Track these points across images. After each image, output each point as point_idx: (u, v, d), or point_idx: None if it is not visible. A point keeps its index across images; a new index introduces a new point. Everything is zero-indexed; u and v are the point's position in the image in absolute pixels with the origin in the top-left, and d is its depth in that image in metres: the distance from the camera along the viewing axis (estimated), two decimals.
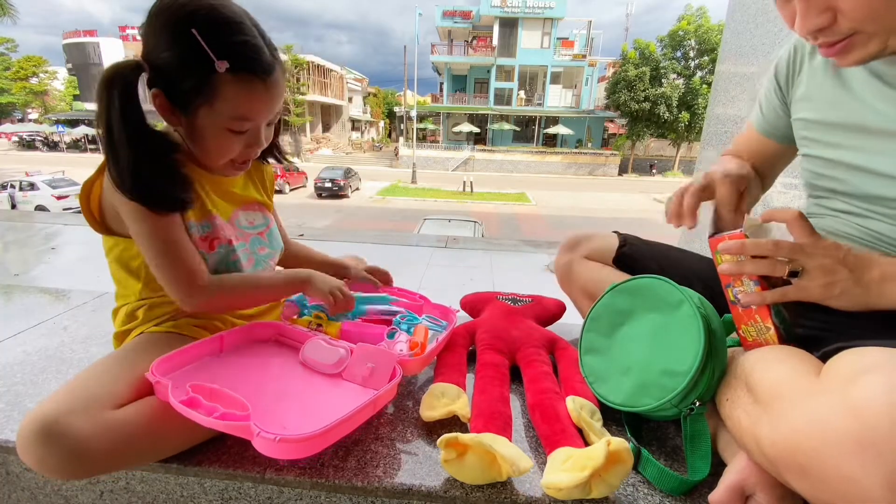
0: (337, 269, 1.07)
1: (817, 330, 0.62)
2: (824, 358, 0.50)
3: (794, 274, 0.58)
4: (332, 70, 30.91)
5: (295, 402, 0.68)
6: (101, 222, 0.73)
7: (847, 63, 0.56)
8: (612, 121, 27.40)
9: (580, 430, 0.68)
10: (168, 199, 0.68)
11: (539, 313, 1.03)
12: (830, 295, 0.55)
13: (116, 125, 0.63)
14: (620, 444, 0.56)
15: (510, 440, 0.65)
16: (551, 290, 1.15)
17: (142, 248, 0.69)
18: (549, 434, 0.67)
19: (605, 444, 0.55)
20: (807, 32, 0.54)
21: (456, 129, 26.67)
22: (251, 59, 0.65)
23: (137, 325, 0.78)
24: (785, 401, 0.48)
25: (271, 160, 0.92)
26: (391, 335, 0.85)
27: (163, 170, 0.67)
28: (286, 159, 0.92)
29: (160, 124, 0.71)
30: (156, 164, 0.66)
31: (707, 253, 0.71)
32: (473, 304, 1.09)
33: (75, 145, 28.28)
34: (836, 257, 0.55)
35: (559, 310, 1.08)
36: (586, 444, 0.65)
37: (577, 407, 0.70)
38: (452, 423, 0.73)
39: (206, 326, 0.81)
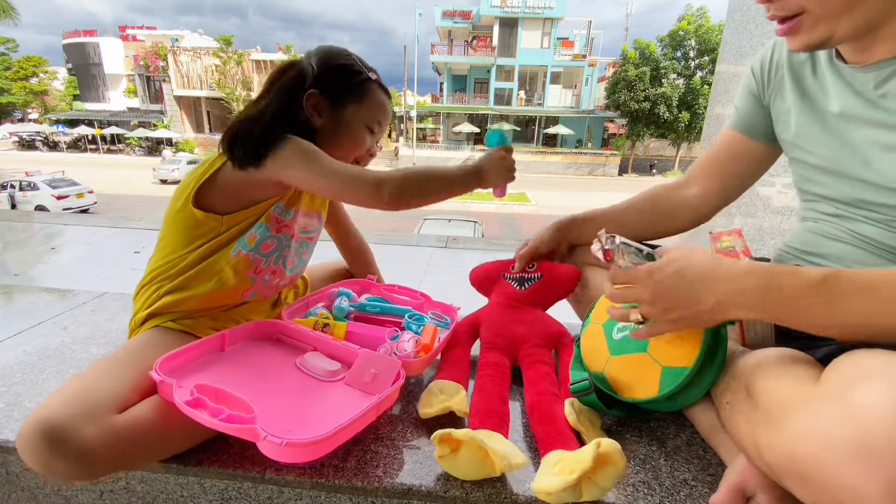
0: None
1: None
2: (826, 360, 0.50)
3: None
4: None
5: (298, 404, 0.68)
6: (194, 197, 0.76)
7: (796, 45, 0.58)
8: (612, 121, 27.36)
9: (578, 433, 0.67)
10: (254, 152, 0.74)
11: (549, 295, 0.97)
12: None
13: (276, 93, 0.79)
14: (611, 445, 0.55)
15: (506, 437, 0.65)
16: None
17: (321, 181, 0.73)
18: (543, 436, 0.67)
19: (595, 446, 0.55)
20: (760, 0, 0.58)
21: (456, 129, 26.63)
22: (381, 82, 0.90)
23: (155, 311, 0.77)
24: (784, 406, 0.47)
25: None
26: (394, 337, 0.85)
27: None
28: None
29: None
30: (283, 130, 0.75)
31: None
32: (482, 281, 1.03)
33: (75, 145, 28.27)
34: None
35: (572, 280, 0.96)
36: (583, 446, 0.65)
37: (576, 410, 0.69)
38: (453, 421, 0.73)
39: (220, 329, 0.80)
